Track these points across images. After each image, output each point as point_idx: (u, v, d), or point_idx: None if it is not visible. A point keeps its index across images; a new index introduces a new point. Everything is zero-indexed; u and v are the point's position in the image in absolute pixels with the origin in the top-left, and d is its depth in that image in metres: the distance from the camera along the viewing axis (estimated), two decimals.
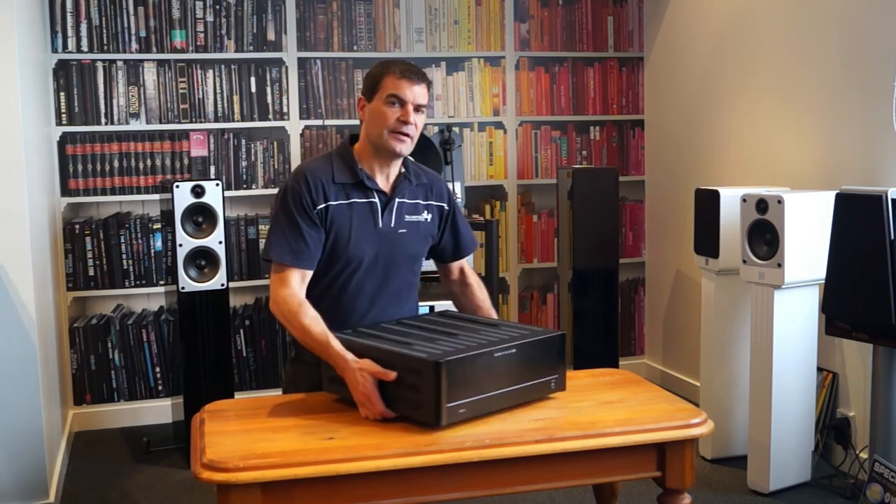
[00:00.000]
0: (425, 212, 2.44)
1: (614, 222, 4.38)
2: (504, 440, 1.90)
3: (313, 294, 2.34)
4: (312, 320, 2.19)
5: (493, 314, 2.53)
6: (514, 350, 2.02)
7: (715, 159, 4.41)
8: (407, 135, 2.29)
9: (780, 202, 3.30)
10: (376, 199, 2.35)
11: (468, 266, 2.62)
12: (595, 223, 4.32)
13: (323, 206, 2.29)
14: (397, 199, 2.37)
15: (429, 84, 2.34)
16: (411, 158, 2.48)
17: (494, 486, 1.94)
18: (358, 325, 2.29)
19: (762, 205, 3.36)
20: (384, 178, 2.38)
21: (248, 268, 4.54)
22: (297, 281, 2.27)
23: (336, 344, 2.11)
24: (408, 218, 2.39)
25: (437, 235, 2.50)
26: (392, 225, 2.36)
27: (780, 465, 3.40)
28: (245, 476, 1.77)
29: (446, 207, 2.50)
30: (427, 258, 2.55)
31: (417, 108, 2.30)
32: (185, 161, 4.47)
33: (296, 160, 4.57)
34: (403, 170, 2.41)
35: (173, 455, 3.97)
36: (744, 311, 3.73)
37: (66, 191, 4.34)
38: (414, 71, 2.30)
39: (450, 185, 4.10)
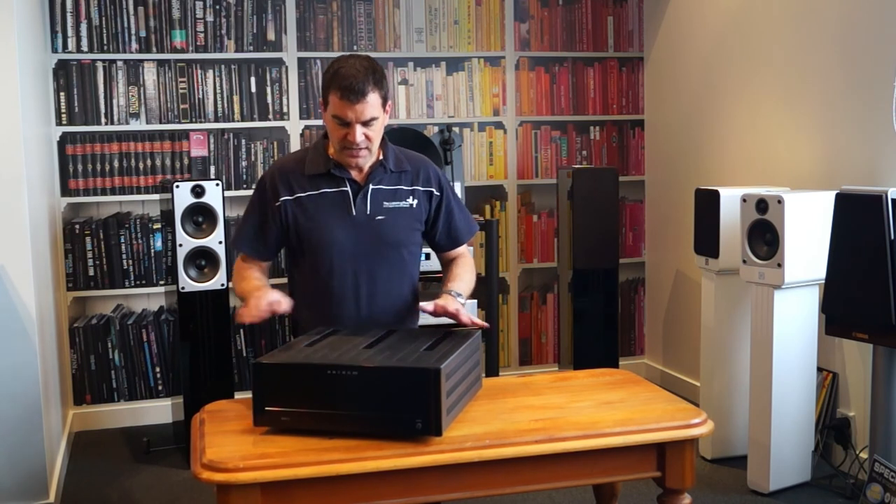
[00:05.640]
0: (410, 197, 2.39)
1: (614, 222, 4.37)
2: (504, 440, 1.90)
3: (301, 288, 2.41)
4: (252, 275, 2.40)
5: (457, 286, 2.39)
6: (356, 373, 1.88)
7: (715, 159, 4.41)
8: (359, 151, 2.28)
9: (780, 202, 3.30)
10: (348, 188, 2.35)
11: (467, 254, 2.54)
12: (595, 223, 4.32)
13: (289, 197, 2.35)
14: (371, 186, 2.35)
15: (379, 88, 2.23)
16: (395, 147, 2.45)
17: (494, 486, 1.94)
18: (350, 315, 2.34)
19: (762, 205, 3.36)
20: (357, 169, 2.36)
21: None
22: (256, 267, 2.46)
23: (261, 286, 2.33)
24: (387, 204, 2.37)
25: (429, 222, 2.45)
26: (368, 212, 2.34)
27: (780, 465, 3.40)
28: (245, 476, 1.77)
29: (436, 192, 2.44)
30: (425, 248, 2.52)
31: (367, 123, 2.24)
32: (185, 161, 4.46)
33: None
34: (381, 157, 2.38)
35: (173, 455, 3.97)
36: (744, 311, 3.73)
37: (66, 191, 4.34)
38: (355, 90, 2.18)
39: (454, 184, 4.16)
